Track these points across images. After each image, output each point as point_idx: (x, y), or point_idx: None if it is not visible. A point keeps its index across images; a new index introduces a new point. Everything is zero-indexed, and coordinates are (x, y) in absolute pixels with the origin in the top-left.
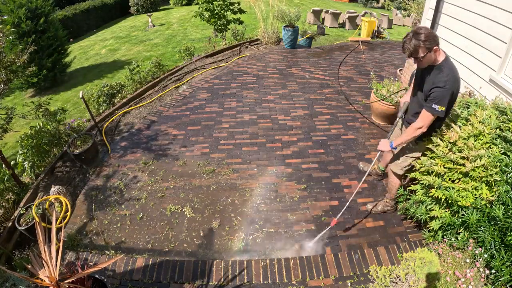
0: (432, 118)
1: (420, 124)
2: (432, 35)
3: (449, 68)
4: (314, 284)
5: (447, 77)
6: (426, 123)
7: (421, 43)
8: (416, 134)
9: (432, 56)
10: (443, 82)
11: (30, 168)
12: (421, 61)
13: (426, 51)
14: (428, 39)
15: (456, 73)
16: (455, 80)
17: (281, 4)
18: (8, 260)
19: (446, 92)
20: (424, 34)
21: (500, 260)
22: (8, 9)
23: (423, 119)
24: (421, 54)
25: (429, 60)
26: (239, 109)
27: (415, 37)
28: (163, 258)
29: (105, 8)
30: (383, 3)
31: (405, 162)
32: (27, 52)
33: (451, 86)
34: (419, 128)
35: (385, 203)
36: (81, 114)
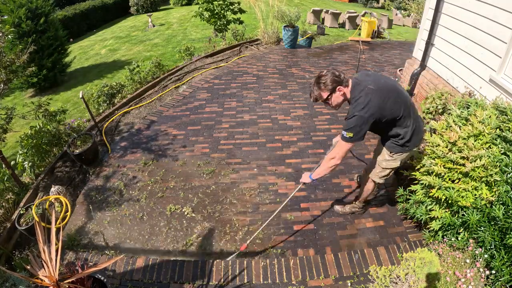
0: (345, 148)
1: (332, 155)
2: (331, 77)
3: (355, 98)
4: (314, 284)
5: (353, 106)
6: (339, 154)
7: (322, 86)
8: (330, 165)
9: (339, 96)
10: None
11: (30, 168)
12: (329, 103)
13: (328, 93)
14: (328, 81)
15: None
16: (362, 104)
17: (281, 4)
18: (8, 260)
19: (354, 119)
20: (323, 77)
21: (500, 260)
22: (8, 9)
23: (336, 149)
24: (324, 96)
25: (337, 101)
26: (239, 109)
27: (316, 82)
28: (163, 258)
29: (105, 8)
30: (383, 3)
31: (383, 172)
32: (27, 52)
33: (359, 111)
34: (331, 158)
35: (353, 205)
36: (81, 114)
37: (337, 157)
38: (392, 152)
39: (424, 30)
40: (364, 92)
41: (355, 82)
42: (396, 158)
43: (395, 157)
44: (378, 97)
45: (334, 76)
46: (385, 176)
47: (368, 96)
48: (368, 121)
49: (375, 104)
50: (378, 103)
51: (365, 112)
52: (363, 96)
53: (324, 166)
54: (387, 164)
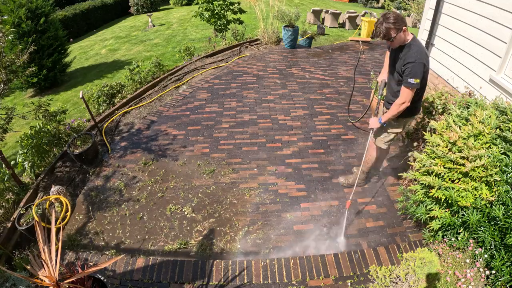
0: (411, 92)
1: (402, 100)
2: (399, 17)
3: (416, 45)
4: (314, 284)
5: (416, 53)
6: (408, 98)
7: (391, 25)
8: (401, 109)
9: (402, 36)
10: (414, 57)
11: (30, 168)
12: (393, 41)
13: (396, 32)
14: (397, 20)
15: (423, 48)
16: (423, 54)
17: (281, 4)
18: (8, 260)
19: (417, 65)
20: (392, 17)
21: (500, 260)
22: (8, 9)
23: (403, 95)
24: (393, 35)
25: (399, 40)
26: (239, 109)
27: (386, 21)
28: (163, 258)
29: (105, 8)
30: (383, 3)
31: (388, 137)
32: (27, 52)
33: (420, 59)
34: (402, 103)
35: (357, 176)
36: (81, 114)
37: (407, 101)
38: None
39: (424, 30)
40: (424, 47)
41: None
42: (400, 122)
43: (399, 121)
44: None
45: (401, 17)
46: (390, 142)
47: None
48: (426, 69)
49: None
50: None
51: (427, 62)
52: (424, 49)
53: (396, 111)
54: (392, 129)
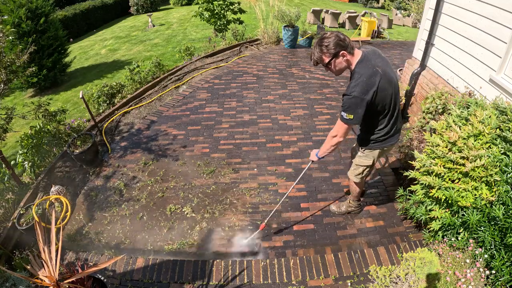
0: (344, 126)
1: (334, 133)
2: (335, 40)
3: (359, 73)
4: (314, 284)
5: (355, 83)
6: (340, 133)
7: (324, 48)
8: (333, 143)
9: (342, 62)
10: (350, 89)
11: (30, 168)
12: (330, 68)
13: (330, 57)
14: (330, 44)
15: (367, 76)
16: (364, 85)
17: (281, 4)
18: (8, 260)
19: (351, 100)
20: (326, 40)
21: (500, 260)
22: (8, 9)
23: (336, 127)
24: (326, 60)
25: (340, 67)
26: (239, 109)
27: (318, 44)
28: (163, 258)
29: (105, 8)
30: (383, 3)
31: (357, 170)
32: (27, 52)
33: (358, 92)
34: (333, 136)
35: (349, 204)
36: (81, 114)
37: (338, 135)
38: (363, 147)
39: (424, 30)
40: (370, 72)
41: (364, 56)
42: (367, 155)
43: (366, 153)
44: (381, 84)
45: (339, 39)
46: (360, 175)
47: (373, 79)
48: (366, 104)
49: (376, 89)
50: (379, 90)
51: (365, 95)
52: (368, 76)
53: (327, 145)
54: (359, 161)
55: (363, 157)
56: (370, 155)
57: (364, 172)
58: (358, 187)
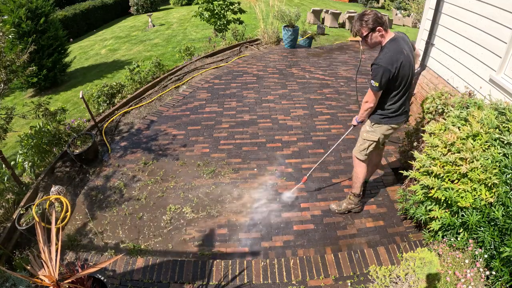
0: (373, 94)
1: (366, 99)
2: (375, 17)
3: (389, 48)
4: (314, 284)
5: (383, 56)
6: (370, 99)
7: (364, 23)
8: (365, 108)
9: (377, 36)
10: (378, 60)
11: (30, 168)
12: (366, 41)
13: (368, 31)
14: (370, 20)
15: (394, 52)
16: (390, 58)
17: (281, 4)
18: (8, 260)
19: (378, 68)
20: (366, 16)
21: (500, 260)
22: (8, 9)
23: (367, 95)
24: (364, 33)
25: (375, 40)
26: (239, 109)
27: (359, 19)
28: (163, 258)
29: (105, 8)
30: (383, 3)
31: (363, 145)
32: (27, 52)
33: (385, 62)
34: (366, 102)
35: (349, 201)
36: (81, 114)
37: (369, 101)
38: (372, 122)
39: (424, 30)
40: (397, 50)
41: (395, 37)
42: (375, 130)
43: (374, 128)
44: (404, 63)
45: (377, 17)
46: (365, 151)
47: (398, 56)
48: (389, 75)
49: (399, 65)
50: (401, 67)
51: (390, 66)
52: (395, 52)
53: (362, 110)
54: (367, 135)
55: (371, 132)
56: (378, 130)
57: (369, 148)
58: (361, 173)
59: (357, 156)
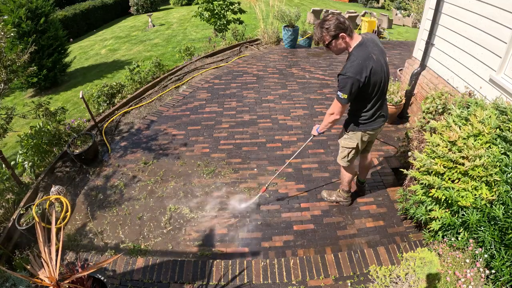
0: (339, 105)
1: (331, 111)
2: (336, 23)
3: (356, 56)
4: (314, 284)
5: (350, 64)
6: (336, 110)
7: (325, 30)
8: (330, 120)
9: (341, 43)
10: (345, 69)
11: (30, 168)
12: (330, 48)
13: (331, 38)
14: (331, 26)
15: (362, 59)
16: (359, 67)
17: (281, 4)
18: (8, 260)
19: (345, 79)
20: (327, 22)
21: (500, 260)
22: (8, 9)
23: (332, 106)
24: (326, 41)
25: (339, 47)
26: (239, 109)
27: (320, 26)
28: (163, 258)
29: (105, 8)
30: (383, 3)
31: (342, 153)
32: (27, 52)
33: (353, 72)
34: (330, 114)
35: (338, 194)
36: (81, 114)
37: (335, 113)
38: (347, 129)
39: (424, 30)
40: (366, 56)
41: (362, 41)
42: (351, 137)
43: (350, 135)
44: (374, 69)
45: (339, 22)
46: (346, 158)
47: (367, 63)
48: (358, 84)
49: (368, 74)
50: (372, 74)
51: (359, 76)
52: (363, 59)
53: (326, 121)
54: (344, 143)
55: (348, 139)
56: (354, 137)
57: (350, 155)
58: (346, 175)
59: (340, 163)
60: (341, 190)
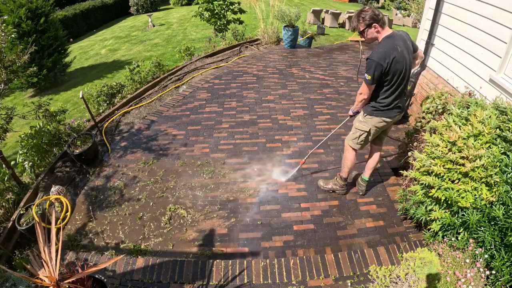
0: (366, 86)
1: (360, 91)
2: (371, 14)
3: (383, 45)
4: (314, 284)
5: (377, 51)
6: (363, 91)
7: (361, 19)
8: (359, 99)
9: (373, 32)
10: (372, 55)
11: (30, 168)
12: (363, 36)
13: (364, 27)
14: (367, 16)
15: (388, 48)
16: (383, 53)
17: (281, 4)
18: (8, 260)
19: (370, 62)
20: (364, 12)
21: (500, 260)
22: (8, 9)
23: (361, 87)
24: (361, 29)
25: (371, 36)
26: (239, 109)
27: (358, 15)
28: (163, 258)
29: (105, 8)
30: (383, 3)
31: (354, 134)
32: (27, 52)
33: (377, 57)
34: (360, 93)
35: (335, 182)
36: (81, 114)
37: (363, 93)
38: (365, 113)
39: (424, 30)
40: (391, 47)
41: (391, 34)
42: (366, 121)
43: (366, 119)
44: (396, 59)
45: (374, 14)
46: (356, 139)
47: (391, 52)
48: (381, 69)
49: (391, 61)
50: (393, 62)
51: (382, 61)
52: (388, 48)
53: (356, 101)
54: (359, 125)
55: (363, 122)
56: (370, 121)
57: (360, 137)
58: (349, 159)
59: (349, 144)
60: (339, 177)
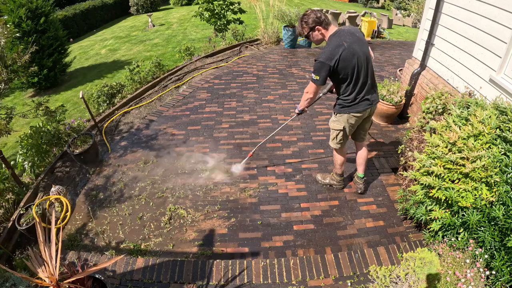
0: (313, 85)
1: (306, 90)
2: (313, 18)
3: (328, 44)
4: (314, 284)
5: (323, 52)
6: (310, 90)
7: (304, 24)
8: (305, 98)
9: (318, 34)
10: (319, 55)
11: (30, 168)
12: (309, 39)
13: (308, 30)
14: (309, 20)
15: (333, 47)
16: (329, 53)
17: (281, 4)
18: (8, 260)
19: (318, 64)
20: (306, 16)
21: (500, 260)
22: (8, 9)
23: (308, 85)
24: (305, 33)
25: (316, 38)
26: (239, 109)
27: (300, 19)
28: (163, 258)
29: (105, 8)
30: (383, 3)
31: (332, 135)
32: (28, 52)
33: (323, 58)
34: (306, 92)
35: (332, 177)
36: (81, 114)
37: (309, 92)
38: (335, 112)
39: (424, 30)
40: (337, 44)
41: (336, 31)
42: (338, 119)
43: (337, 118)
44: (344, 55)
45: (316, 16)
46: (335, 140)
47: (337, 49)
48: (328, 69)
49: (338, 58)
50: (341, 59)
51: (328, 61)
52: (334, 47)
53: (302, 100)
54: (333, 125)
55: (336, 121)
56: (341, 119)
57: (338, 137)
58: (338, 157)
59: (331, 146)
60: (334, 173)
